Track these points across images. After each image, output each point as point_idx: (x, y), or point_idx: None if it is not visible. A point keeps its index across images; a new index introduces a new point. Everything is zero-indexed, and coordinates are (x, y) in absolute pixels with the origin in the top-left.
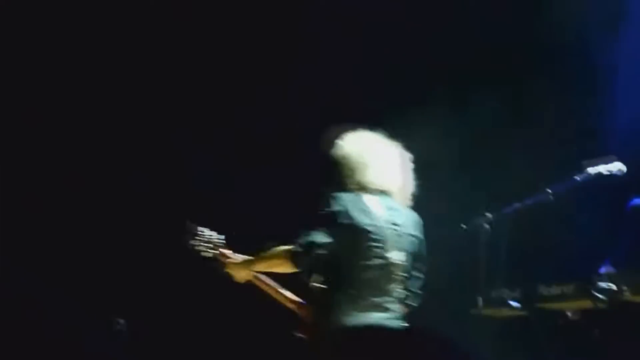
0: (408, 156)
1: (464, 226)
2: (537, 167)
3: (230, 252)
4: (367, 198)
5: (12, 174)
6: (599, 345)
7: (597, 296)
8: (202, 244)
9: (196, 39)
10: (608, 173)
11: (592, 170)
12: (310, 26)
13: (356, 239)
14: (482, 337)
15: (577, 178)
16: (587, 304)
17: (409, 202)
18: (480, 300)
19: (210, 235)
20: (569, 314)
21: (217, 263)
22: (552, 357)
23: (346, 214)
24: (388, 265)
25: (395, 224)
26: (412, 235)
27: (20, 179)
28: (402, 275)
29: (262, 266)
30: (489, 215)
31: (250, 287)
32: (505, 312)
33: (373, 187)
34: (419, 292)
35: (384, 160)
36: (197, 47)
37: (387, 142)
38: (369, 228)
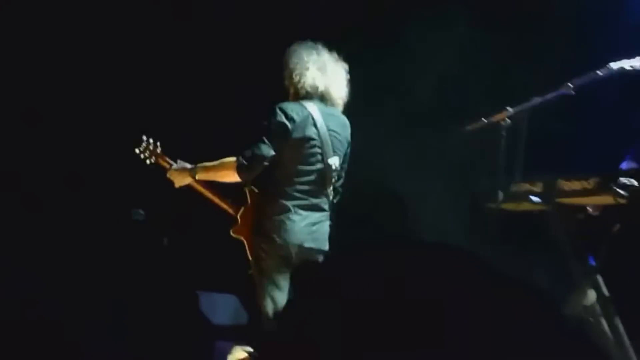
0: (344, 65)
1: (484, 120)
2: (559, 61)
3: (168, 159)
4: (309, 106)
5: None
6: (618, 240)
7: (617, 191)
8: (143, 151)
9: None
10: (631, 69)
11: (614, 65)
12: None
13: (302, 148)
14: (500, 231)
15: (599, 72)
16: (607, 199)
17: (341, 106)
18: (500, 194)
19: (150, 143)
20: (589, 209)
21: (160, 168)
22: (571, 251)
23: (292, 124)
24: (326, 169)
25: (333, 130)
26: (345, 139)
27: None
28: (335, 177)
29: (207, 175)
30: (509, 108)
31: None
32: (525, 205)
33: (311, 90)
34: (341, 189)
35: (320, 66)
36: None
37: (326, 52)
38: (313, 136)
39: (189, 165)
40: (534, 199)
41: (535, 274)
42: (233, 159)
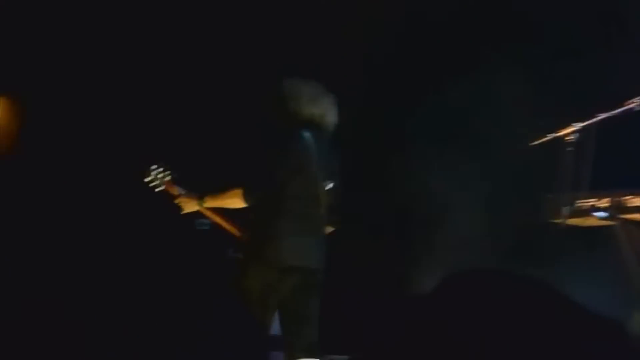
0: (332, 95)
1: (550, 135)
2: (627, 77)
3: (177, 187)
4: (305, 134)
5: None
6: None
7: None
8: (153, 179)
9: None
10: None
11: None
12: None
13: (300, 172)
14: (566, 246)
15: None
16: None
17: (330, 134)
18: (566, 210)
19: (160, 171)
20: None
21: (168, 195)
22: (636, 269)
23: (294, 151)
24: (322, 193)
25: (327, 156)
26: (337, 164)
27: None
28: (330, 200)
29: (215, 202)
30: (576, 124)
31: None
32: (590, 221)
33: (307, 118)
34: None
35: (314, 96)
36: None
37: (316, 84)
38: (311, 162)
39: (194, 194)
40: (600, 215)
41: (598, 292)
42: (239, 190)
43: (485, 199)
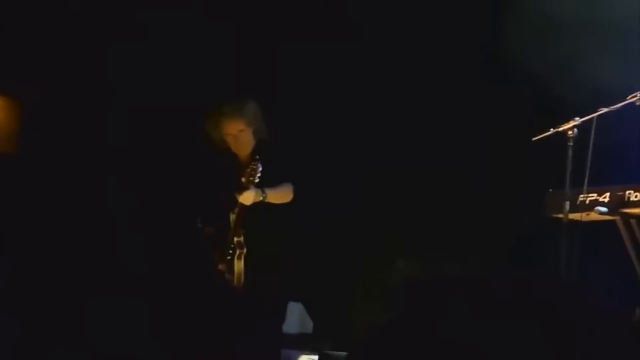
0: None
1: (552, 129)
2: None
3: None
4: None
5: None
6: None
7: None
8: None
9: None
10: None
11: None
12: None
13: None
14: (568, 241)
15: None
16: None
17: None
18: (567, 205)
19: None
20: None
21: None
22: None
23: None
24: None
25: None
26: None
27: None
28: None
29: (274, 196)
30: (577, 118)
31: None
32: (592, 216)
33: None
34: None
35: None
36: None
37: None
38: None
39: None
40: (601, 209)
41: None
42: (290, 186)
43: (488, 193)
